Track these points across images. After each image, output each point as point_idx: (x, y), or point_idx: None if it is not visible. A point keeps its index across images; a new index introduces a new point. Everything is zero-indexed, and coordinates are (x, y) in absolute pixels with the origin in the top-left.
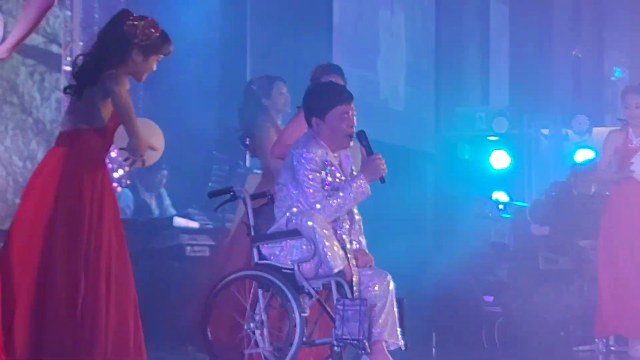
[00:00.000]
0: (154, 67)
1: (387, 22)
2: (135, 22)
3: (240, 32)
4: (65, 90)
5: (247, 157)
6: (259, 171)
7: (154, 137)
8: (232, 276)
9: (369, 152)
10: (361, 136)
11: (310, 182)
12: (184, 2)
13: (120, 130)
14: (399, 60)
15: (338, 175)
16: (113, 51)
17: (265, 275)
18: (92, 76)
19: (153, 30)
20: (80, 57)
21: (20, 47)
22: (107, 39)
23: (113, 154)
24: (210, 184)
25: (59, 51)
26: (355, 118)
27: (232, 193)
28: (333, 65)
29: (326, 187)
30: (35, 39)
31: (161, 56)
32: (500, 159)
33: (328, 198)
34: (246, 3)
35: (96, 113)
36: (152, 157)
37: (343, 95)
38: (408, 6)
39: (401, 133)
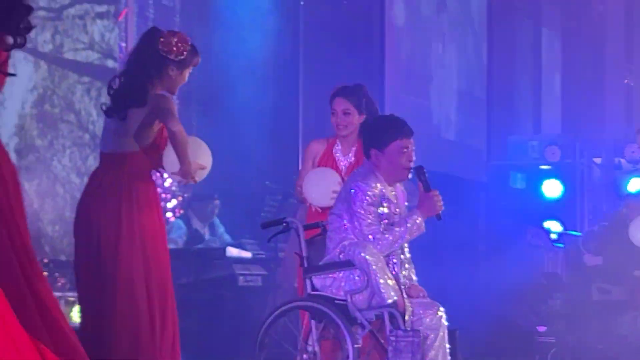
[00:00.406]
0: (186, 79)
1: (439, 52)
2: (170, 39)
3: (293, 56)
4: (107, 112)
5: None
6: None
7: (202, 156)
8: (285, 307)
9: (427, 188)
10: (419, 172)
11: (366, 215)
12: (238, 24)
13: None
14: (451, 89)
15: (394, 209)
16: (151, 70)
17: (318, 306)
18: (137, 98)
19: (186, 45)
20: (117, 79)
21: (75, 65)
22: (144, 58)
23: (167, 184)
24: (262, 214)
25: (114, 65)
26: (414, 153)
27: (285, 224)
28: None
29: (382, 222)
30: (91, 56)
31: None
32: (552, 188)
33: (383, 232)
34: (299, 26)
35: (144, 134)
36: (201, 175)
37: (404, 129)
38: (460, 35)
39: (452, 162)
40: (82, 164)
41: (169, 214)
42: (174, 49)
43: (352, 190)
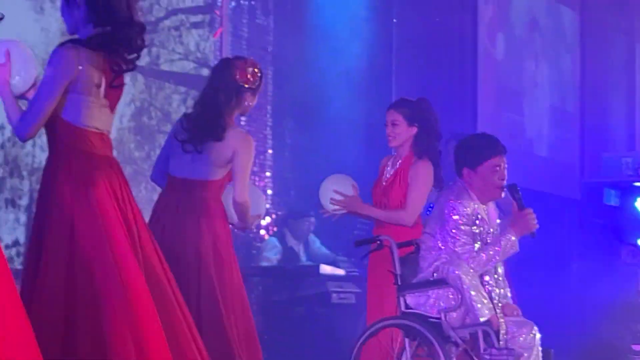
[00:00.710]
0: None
1: (532, 69)
2: (245, 69)
3: (386, 69)
4: (184, 144)
5: None
6: None
7: (259, 204)
8: (379, 325)
9: (521, 206)
10: (513, 190)
11: (460, 235)
12: (332, 40)
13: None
14: (543, 105)
15: (487, 228)
16: (230, 101)
17: (412, 324)
18: (216, 133)
19: (259, 71)
20: (192, 110)
21: (171, 76)
22: (222, 90)
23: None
24: (355, 231)
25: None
26: (506, 171)
27: (378, 242)
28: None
29: (476, 241)
30: (187, 66)
31: None
32: None
33: (477, 251)
34: (392, 41)
35: (216, 169)
36: (255, 222)
37: (497, 147)
38: (553, 51)
39: (545, 179)
40: None
41: (262, 232)
42: (251, 78)
43: (446, 210)
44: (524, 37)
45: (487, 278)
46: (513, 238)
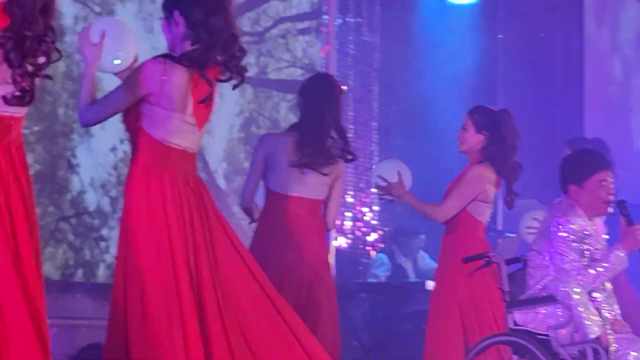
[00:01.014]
0: None
1: None
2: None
3: (492, 80)
4: (307, 165)
5: (499, 219)
6: (512, 234)
7: None
8: (487, 341)
9: (629, 222)
10: (621, 206)
11: (568, 252)
12: (438, 51)
13: None
14: None
15: (595, 244)
16: (333, 120)
17: (521, 341)
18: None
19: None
20: (300, 133)
21: (279, 84)
22: (325, 109)
23: (367, 218)
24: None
25: None
26: (613, 185)
27: (487, 258)
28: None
29: (584, 258)
30: (294, 72)
31: None
32: None
33: (586, 267)
34: (498, 51)
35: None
36: None
37: (602, 162)
38: None
39: None
40: None
41: (368, 248)
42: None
43: (553, 227)
44: (632, 50)
45: (596, 294)
46: (622, 254)
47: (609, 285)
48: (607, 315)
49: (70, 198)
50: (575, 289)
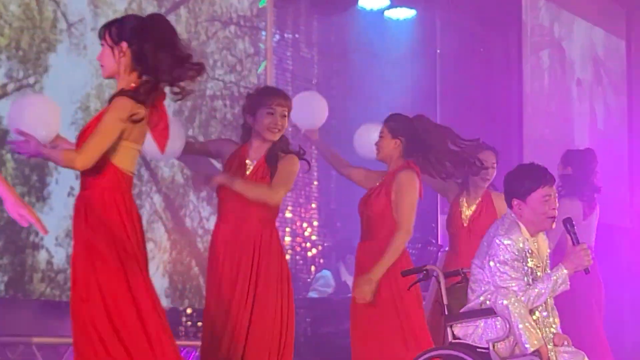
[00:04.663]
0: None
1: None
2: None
3: (430, 94)
4: None
5: (439, 234)
6: None
7: None
8: (426, 355)
9: (575, 241)
10: (568, 224)
11: (510, 271)
12: (375, 76)
13: None
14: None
15: (536, 262)
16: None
17: (461, 354)
18: None
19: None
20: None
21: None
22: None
23: (307, 233)
24: None
25: None
26: (556, 201)
27: (425, 271)
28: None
29: (527, 277)
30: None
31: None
32: None
33: (527, 286)
34: (436, 67)
35: None
36: None
37: (545, 177)
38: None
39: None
40: None
41: (308, 263)
42: None
43: (495, 245)
44: (572, 62)
45: (539, 308)
46: (564, 275)
47: (550, 299)
48: (548, 328)
49: None
50: (514, 302)
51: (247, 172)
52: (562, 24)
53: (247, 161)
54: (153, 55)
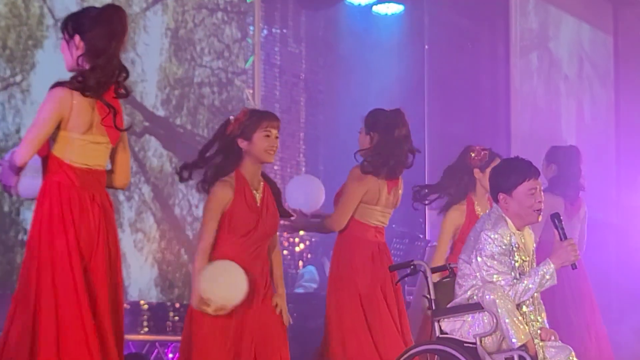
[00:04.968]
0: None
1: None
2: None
3: (419, 91)
4: None
5: (427, 229)
6: None
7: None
8: (414, 350)
9: (563, 236)
10: (555, 219)
11: (496, 265)
12: (363, 69)
13: None
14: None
15: (523, 257)
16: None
17: (447, 349)
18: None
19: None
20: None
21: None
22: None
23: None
24: (394, 258)
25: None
26: (541, 194)
27: (412, 267)
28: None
29: (514, 271)
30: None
31: None
32: None
33: (514, 280)
34: (424, 62)
35: None
36: (216, 308)
37: (530, 170)
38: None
39: None
40: None
41: (296, 258)
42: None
43: (482, 240)
44: (558, 57)
45: (526, 302)
46: (551, 270)
47: (536, 295)
48: (535, 323)
49: None
50: (501, 297)
51: (258, 204)
52: (549, 21)
53: (254, 193)
54: (102, 47)
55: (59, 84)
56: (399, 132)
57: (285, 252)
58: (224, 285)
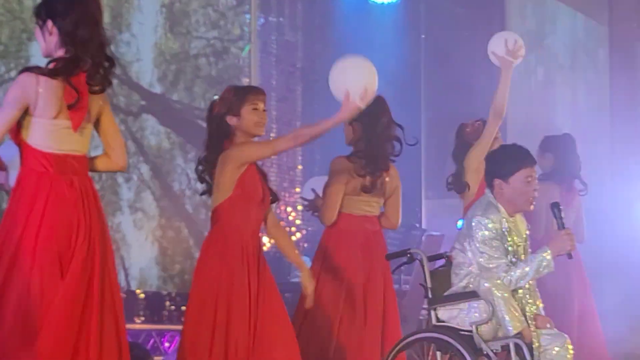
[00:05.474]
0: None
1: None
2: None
3: (415, 80)
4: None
5: (423, 218)
6: (435, 233)
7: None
8: (410, 338)
9: (561, 226)
10: (555, 208)
11: (490, 250)
12: (360, 50)
13: None
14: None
15: (516, 241)
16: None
17: (444, 337)
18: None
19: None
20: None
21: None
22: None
23: (290, 217)
24: (387, 246)
25: None
26: (536, 182)
27: (408, 255)
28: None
29: (508, 255)
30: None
31: None
32: None
33: (510, 267)
34: (421, 51)
35: None
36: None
37: (528, 158)
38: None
39: None
40: None
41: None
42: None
43: (473, 226)
44: (554, 51)
45: (519, 290)
46: (548, 257)
47: (532, 282)
48: (530, 310)
49: None
50: (497, 285)
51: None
52: (545, 11)
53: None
54: (73, 31)
55: (26, 69)
56: (381, 120)
57: None
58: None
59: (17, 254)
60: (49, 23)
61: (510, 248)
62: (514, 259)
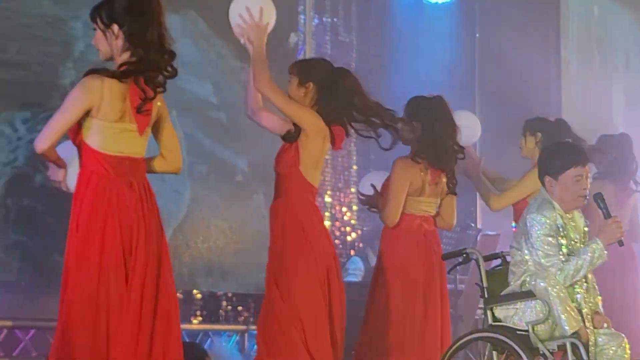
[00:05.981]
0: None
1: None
2: None
3: (469, 79)
4: None
5: (478, 217)
6: (491, 232)
7: None
8: (467, 338)
9: (607, 215)
10: (598, 199)
11: (545, 247)
12: (414, 59)
13: None
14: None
15: (572, 237)
16: None
17: (500, 336)
18: None
19: None
20: None
21: None
22: None
23: (346, 217)
24: (442, 245)
25: None
26: (588, 181)
27: (464, 255)
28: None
29: (562, 252)
30: None
31: None
32: None
33: (564, 263)
34: (475, 50)
35: None
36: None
37: (580, 157)
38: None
39: None
40: None
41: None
42: None
43: (528, 223)
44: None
45: (577, 288)
46: (600, 247)
47: (590, 276)
48: (587, 309)
49: None
50: (553, 284)
51: None
52: (600, 14)
53: None
54: (140, 34)
55: (92, 71)
56: (444, 119)
57: (336, 241)
58: None
59: (82, 261)
60: (115, 27)
61: (562, 247)
62: (567, 257)
